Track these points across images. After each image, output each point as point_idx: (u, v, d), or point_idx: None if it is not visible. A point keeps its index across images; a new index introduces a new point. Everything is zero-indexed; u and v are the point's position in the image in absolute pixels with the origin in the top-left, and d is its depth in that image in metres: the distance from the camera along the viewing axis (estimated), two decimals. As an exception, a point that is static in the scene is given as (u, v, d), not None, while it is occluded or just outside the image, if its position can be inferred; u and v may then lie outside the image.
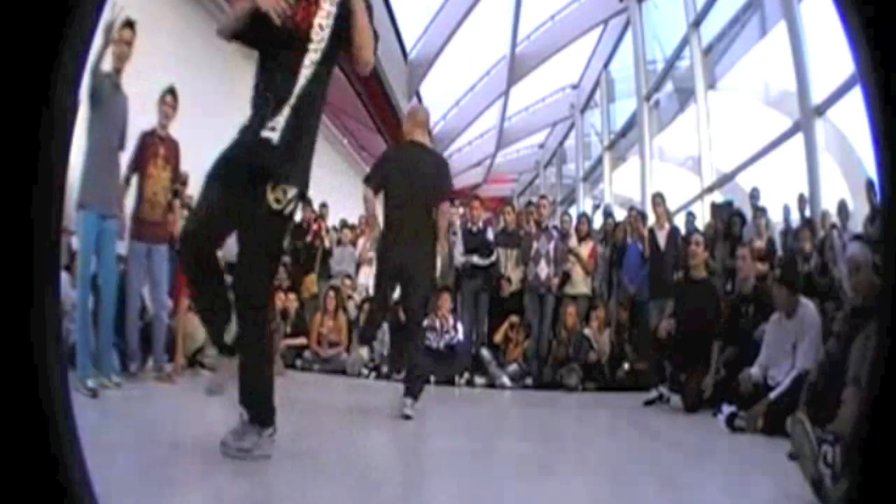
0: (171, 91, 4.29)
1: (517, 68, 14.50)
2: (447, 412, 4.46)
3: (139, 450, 2.30)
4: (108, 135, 3.74)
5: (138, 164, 4.17)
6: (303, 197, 2.24)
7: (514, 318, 6.23)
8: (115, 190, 3.87)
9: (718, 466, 2.98)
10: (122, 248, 4.18)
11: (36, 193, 0.75)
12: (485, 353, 6.16)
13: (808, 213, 6.13)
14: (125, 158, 4.02)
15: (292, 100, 2.16)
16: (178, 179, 4.39)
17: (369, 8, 2.30)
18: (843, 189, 6.11)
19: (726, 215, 6.29)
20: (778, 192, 6.69)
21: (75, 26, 0.78)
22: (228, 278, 2.34)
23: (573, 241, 6.48)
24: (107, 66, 3.73)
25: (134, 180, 4.17)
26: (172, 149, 4.31)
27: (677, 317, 4.82)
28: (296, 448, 2.42)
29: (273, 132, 2.15)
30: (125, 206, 4.10)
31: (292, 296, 6.49)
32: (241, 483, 1.98)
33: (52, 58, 0.76)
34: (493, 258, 6.33)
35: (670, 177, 10.90)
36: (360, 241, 7.21)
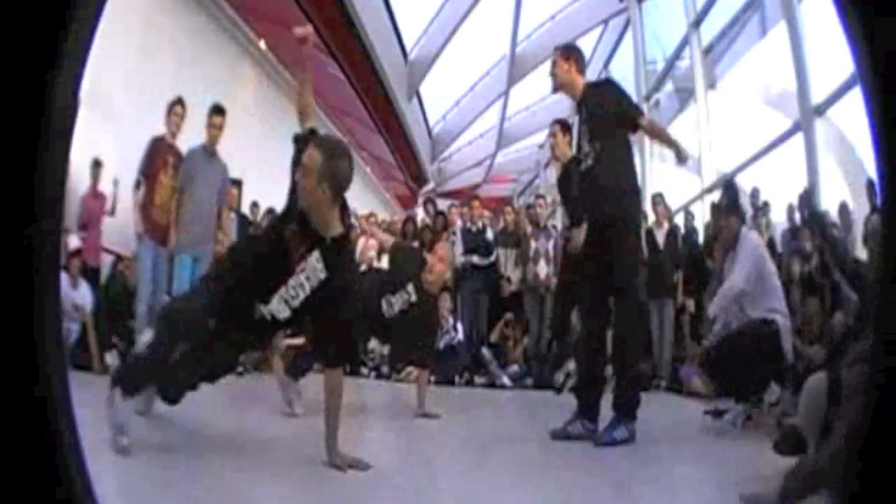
0: (180, 101, 4.47)
1: (517, 68, 14.47)
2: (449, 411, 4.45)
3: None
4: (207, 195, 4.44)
5: (150, 170, 4.39)
6: None
7: (510, 316, 6.23)
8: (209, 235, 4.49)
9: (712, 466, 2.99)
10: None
11: (36, 193, 0.75)
12: (485, 352, 6.15)
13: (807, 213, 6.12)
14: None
15: None
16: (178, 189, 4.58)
17: None
18: (844, 189, 6.11)
19: (726, 215, 6.27)
20: (778, 191, 6.68)
21: (75, 26, 0.78)
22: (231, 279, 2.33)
23: (572, 241, 6.47)
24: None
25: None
26: (177, 158, 4.50)
27: None
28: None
29: None
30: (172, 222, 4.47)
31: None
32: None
33: (52, 58, 0.76)
34: (493, 258, 6.33)
35: (670, 177, 10.88)
36: (361, 241, 7.19)
